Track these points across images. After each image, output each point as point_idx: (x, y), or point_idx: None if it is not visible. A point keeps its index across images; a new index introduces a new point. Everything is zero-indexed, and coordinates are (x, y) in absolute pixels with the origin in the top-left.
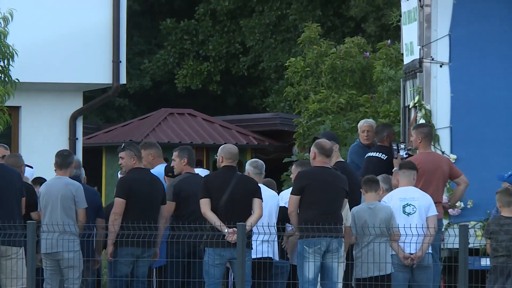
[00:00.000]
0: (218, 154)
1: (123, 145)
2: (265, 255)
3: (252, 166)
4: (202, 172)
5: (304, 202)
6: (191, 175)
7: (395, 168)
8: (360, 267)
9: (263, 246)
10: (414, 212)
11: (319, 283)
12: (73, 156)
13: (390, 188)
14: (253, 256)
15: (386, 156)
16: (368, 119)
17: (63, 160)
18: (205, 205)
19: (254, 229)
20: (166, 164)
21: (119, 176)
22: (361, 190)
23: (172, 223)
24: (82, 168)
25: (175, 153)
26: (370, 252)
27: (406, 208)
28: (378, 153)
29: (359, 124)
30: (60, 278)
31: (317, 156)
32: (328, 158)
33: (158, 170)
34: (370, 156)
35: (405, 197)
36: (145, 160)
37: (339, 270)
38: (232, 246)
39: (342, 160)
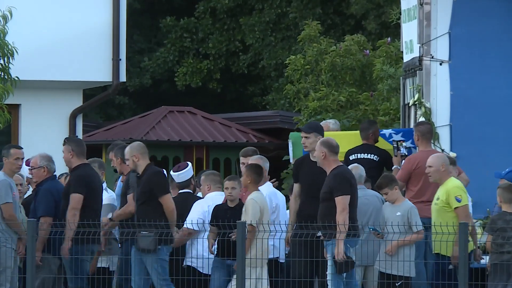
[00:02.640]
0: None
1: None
2: (276, 255)
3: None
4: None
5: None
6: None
7: (395, 166)
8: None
9: (275, 246)
10: None
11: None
12: None
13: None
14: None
15: (378, 158)
16: (326, 120)
17: None
18: (172, 200)
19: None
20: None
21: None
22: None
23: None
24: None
25: (111, 154)
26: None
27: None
28: (367, 154)
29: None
30: None
31: (329, 155)
32: (337, 156)
33: None
34: (360, 158)
35: None
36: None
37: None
38: (170, 243)
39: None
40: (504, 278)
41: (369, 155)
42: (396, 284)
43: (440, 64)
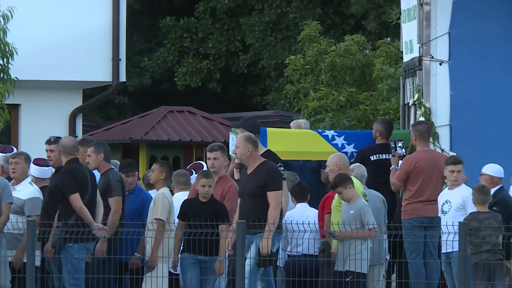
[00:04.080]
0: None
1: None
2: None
3: None
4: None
5: None
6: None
7: (393, 166)
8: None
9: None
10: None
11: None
12: None
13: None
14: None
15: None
16: (297, 120)
17: None
18: (80, 199)
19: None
20: None
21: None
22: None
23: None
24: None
25: (90, 149)
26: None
27: None
28: (389, 155)
29: (291, 124)
30: None
31: (253, 151)
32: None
33: None
34: (382, 159)
35: None
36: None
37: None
38: (91, 240)
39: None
40: (486, 277)
41: (390, 155)
42: (346, 279)
43: (440, 64)
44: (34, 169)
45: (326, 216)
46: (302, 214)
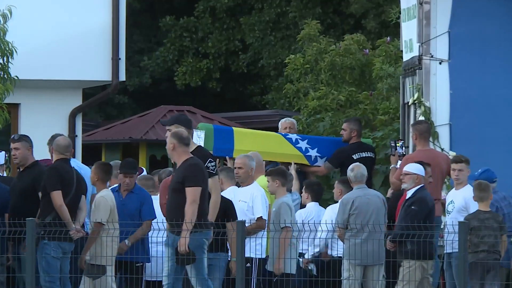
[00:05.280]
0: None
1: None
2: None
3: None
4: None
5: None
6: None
7: (392, 165)
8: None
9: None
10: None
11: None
12: None
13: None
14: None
15: (374, 154)
16: (289, 118)
17: None
18: (61, 197)
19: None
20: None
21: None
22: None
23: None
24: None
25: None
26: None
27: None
28: (367, 152)
29: (280, 122)
30: None
31: (178, 146)
32: (188, 147)
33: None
34: (363, 157)
35: None
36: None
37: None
38: (68, 240)
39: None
40: (481, 276)
41: (369, 153)
42: (273, 280)
43: (440, 63)
44: None
45: None
46: (319, 213)
